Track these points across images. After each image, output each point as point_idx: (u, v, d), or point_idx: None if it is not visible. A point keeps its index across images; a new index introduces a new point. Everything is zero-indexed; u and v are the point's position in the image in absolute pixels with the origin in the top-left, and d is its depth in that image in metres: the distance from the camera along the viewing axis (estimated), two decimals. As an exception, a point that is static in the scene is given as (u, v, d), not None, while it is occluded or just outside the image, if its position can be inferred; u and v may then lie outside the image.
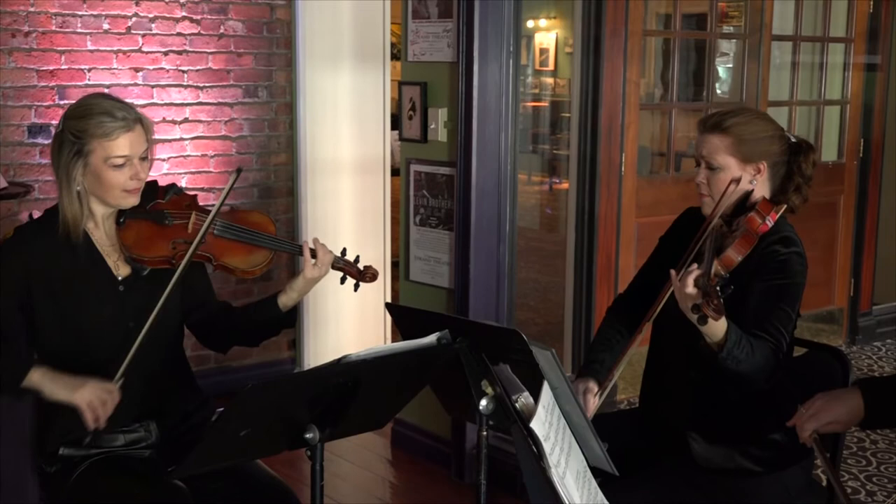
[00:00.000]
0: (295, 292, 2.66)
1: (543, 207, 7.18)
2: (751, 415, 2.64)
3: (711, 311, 2.23)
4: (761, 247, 2.56)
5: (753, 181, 2.66)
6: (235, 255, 2.63)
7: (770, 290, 2.55)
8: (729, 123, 2.65)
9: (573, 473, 1.76)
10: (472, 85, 4.06)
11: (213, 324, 2.77)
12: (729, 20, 6.31)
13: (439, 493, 4.19)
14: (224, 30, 5.01)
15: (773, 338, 2.48)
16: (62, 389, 2.44)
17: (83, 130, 2.47)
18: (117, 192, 2.52)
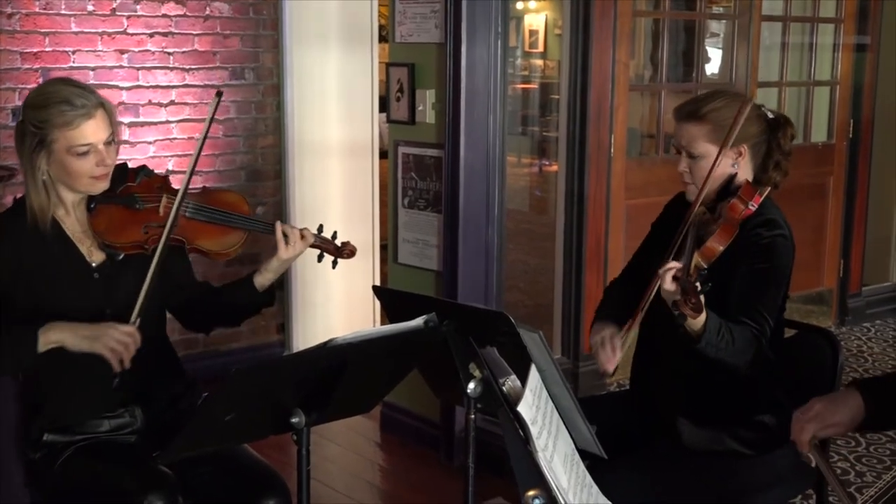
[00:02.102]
0: (270, 272, 2.66)
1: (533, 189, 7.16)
2: (739, 397, 2.64)
3: (689, 309, 2.22)
4: (746, 231, 2.55)
5: (735, 164, 2.65)
6: (209, 238, 2.60)
7: (754, 275, 2.54)
8: (705, 110, 2.63)
9: (561, 456, 1.75)
10: (459, 66, 4.04)
11: (193, 306, 2.76)
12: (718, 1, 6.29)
13: (428, 476, 4.19)
14: (210, 11, 4.98)
15: (757, 324, 2.48)
16: (83, 341, 2.42)
17: (44, 121, 2.43)
18: (85, 179, 2.49)
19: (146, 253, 2.52)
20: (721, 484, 2.63)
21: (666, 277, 2.31)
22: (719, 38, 6.35)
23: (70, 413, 2.56)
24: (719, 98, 2.67)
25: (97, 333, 2.42)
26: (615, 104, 4.88)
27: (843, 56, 6.16)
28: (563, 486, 1.67)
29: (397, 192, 4.42)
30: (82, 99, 2.45)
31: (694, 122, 2.64)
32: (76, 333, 2.43)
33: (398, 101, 4.34)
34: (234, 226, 2.63)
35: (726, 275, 2.51)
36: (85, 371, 2.52)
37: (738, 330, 2.43)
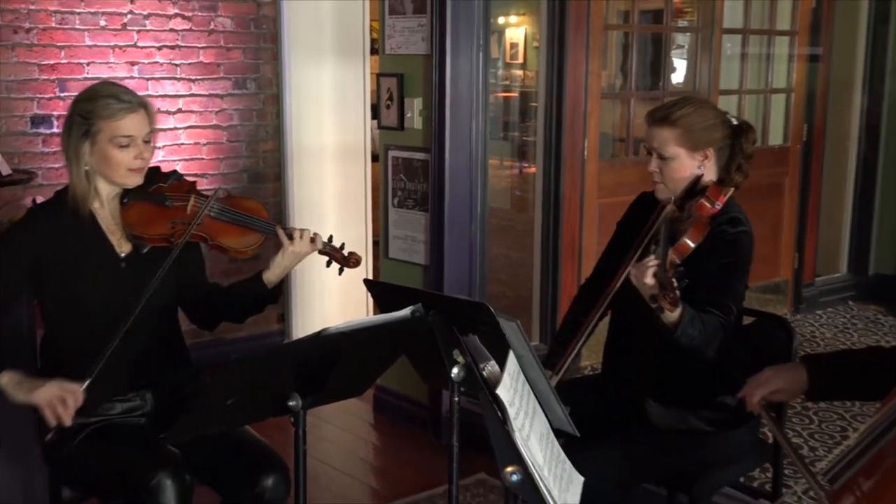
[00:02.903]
0: (279, 268, 2.66)
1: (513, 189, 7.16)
2: (703, 380, 2.64)
3: (668, 303, 2.24)
4: (712, 228, 2.55)
5: (702, 167, 2.65)
6: (229, 236, 2.62)
7: (720, 269, 2.55)
8: (676, 116, 2.63)
9: (537, 436, 1.74)
10: (444, 76, 4.04)
11: (203, 303, 2.76)
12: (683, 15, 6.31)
13: (417, 454, 4.19)
14: (214, 26, 4.96)
15: (724, 313, 2.49)
16: (21, 392, 2.39)
17: (91, 112, 2.48)
18: (122, 170, 2.51)
19: (171, 247, 2.54)
20: (686, 460, 2.64)
21: (647, 273, 2.31)
22: (684, 50, 6.35)
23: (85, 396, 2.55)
24: (689, 105, 2.67)
25: (37, 386, 2.38)
26: (588, 111, 4.88)
27: (797, 66, 6.17)
28: (539, 462, 1.67)
29: (388, 192, 4.42)
30: (128, 95, 2.51)
31: (666, 126, 2.64)
32: (18, 384, 2.40)
33: (388, 108, 4.33)
34: (253, 228, 2.65)
35: (694, 268, 2.51)
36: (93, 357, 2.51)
37: (707, 319, 2.44)
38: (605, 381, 2.89)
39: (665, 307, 2.24)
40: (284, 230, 2.64)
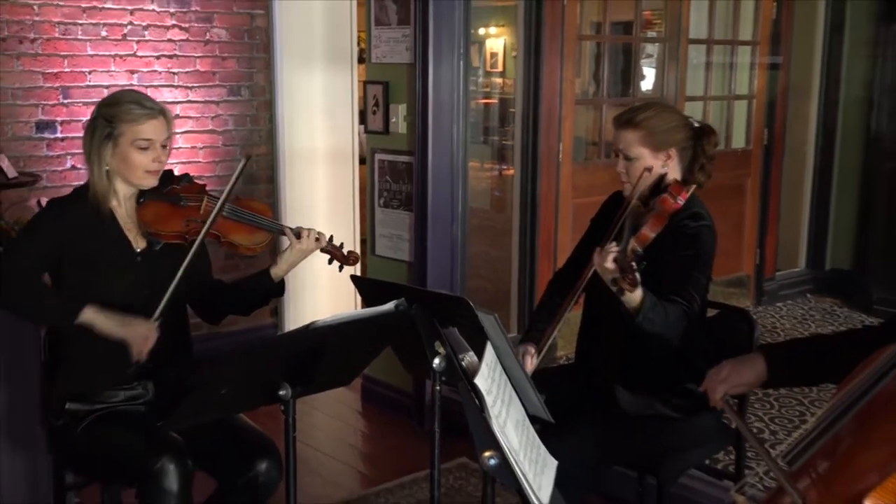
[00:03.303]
0: (286, 263, 2.68)
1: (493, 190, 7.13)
2: (669, 368, 2.64)
3: (627, 284, 2.24)
4: (675, 222, 2.56)
5: (665, 166, 2.66)
6: (240, 234, 2.64)
7: (682, 260, 2.55)
8: (640, 119, 2.64)
9: (513, 422, 1.74)
10: (427, 84, 4.03)
11: (209, 298, 2.76)
12: (652, 26, 6.31)
13: (403, 440, 4.19)
14: (210, 36, 4.93)
15: (686, 301, 2.49)
16: (115, 325, 2.46)
17: (115, 116, 2.49)
18: (140, 172, 2.53)
19: (185, 244, 2.55)
20: (654, 444, 2.64)
21: (607, 257, 2.32)
22: (653, 59, 6.35)
23: (90, 384, 2.54)
24: (651, 108, 2.68)
25: (125, 323, 2.46)
26: (563, 116, 4.88)
27: (758, 74, 6.19)
28: (515, 447, 1.66)
29: (374, 193, 4.41)
30: (149, 102, 2.53)
31: (630, 128, 2.65)
32: (109, 319, 2.46)
33: (374, 114, 4.32)
34: (261, 227, 2.67)
35: (659, 260, 2.52)
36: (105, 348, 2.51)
37: (670, 307, 2.44)
38: (577, 370, 2.89)
39: (625, 288, 2.25)
40: (292, 230, 2.66)
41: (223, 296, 2.77)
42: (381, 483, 3.71)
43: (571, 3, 4.87)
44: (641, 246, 2.42)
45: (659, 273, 2.51)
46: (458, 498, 3.56)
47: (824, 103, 6.53)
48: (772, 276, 6.48)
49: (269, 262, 2.71)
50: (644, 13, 5.72)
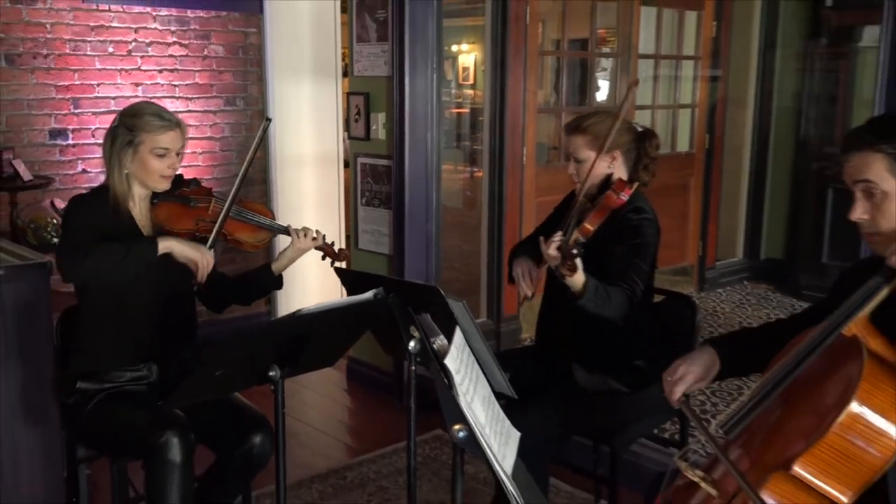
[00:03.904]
0: (286, 259, 2.72)
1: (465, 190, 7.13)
2: (620, 348, 2.64)
3: (566, 269, 2.25)
4: (619, 216, 2.55)
5: (611, 167, 2.65)
6: (245, 233, 2.65)
7: (626, 249, 2.54)
8: (586, 125, 2.64)
9: (480, 398, 1.73)
10: (404, 94, 4.01)
11: (213, 290, 2.72)
12: (605, 43, 6.32)
13: (384, 414, 4.18)
14: (207, 52, 4.88)
15: (629, 286, 2.47)
16: (189, 249, 2.48)
17: (136, 125, 2.47)
18: (157, 176, 2.51)
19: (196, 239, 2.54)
20: (607, 416, 2.64)
21: (550, 247, 2.33)
22: (607, 72, 6.37)
23: (100, 365, 2.52)
24: (596, 115, 2.68)
25: (196, 247, 2.49)
26: (526, 123, 4.87)
27: (700, 85, 6.22)
28: (481, 421, 1.65)
29: (357, 193, 4.38)
30: (168, 115, 2.51)
31: (578, 134, 2.65)
32: (182, 245, 2.48)
33: (357, 122, 4.30)
34: (263, 226, 2.68)
35: (606, 250, 2.52)
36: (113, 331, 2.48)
37: (613, 290, 2.43)
38: (539, 351, 2.89)
39: (565, 273, 2.26)
40: (294, 230, 2.68)
41: (227, 288, 2.76)
42: (365, 453, 3.70)
43: (533, 22, 4.87)
44: (584, 237, 2.42)
45: (605, 261, 2.51)
46: (434, 466, 3.55)
47: (759, 111, 6.58)
48: (713, 265, 6.51)
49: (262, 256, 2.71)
50: (598, 31, 5.73)
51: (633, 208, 2.58)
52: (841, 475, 1.57)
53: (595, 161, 2.59)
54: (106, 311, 2.50)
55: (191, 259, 2.48)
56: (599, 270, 2.43)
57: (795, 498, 1.61)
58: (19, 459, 2.75)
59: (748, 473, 1.73)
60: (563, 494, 3.29)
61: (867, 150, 1.72)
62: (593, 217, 2.46)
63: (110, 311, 2.50)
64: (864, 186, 1.73)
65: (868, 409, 1.56)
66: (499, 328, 4.88)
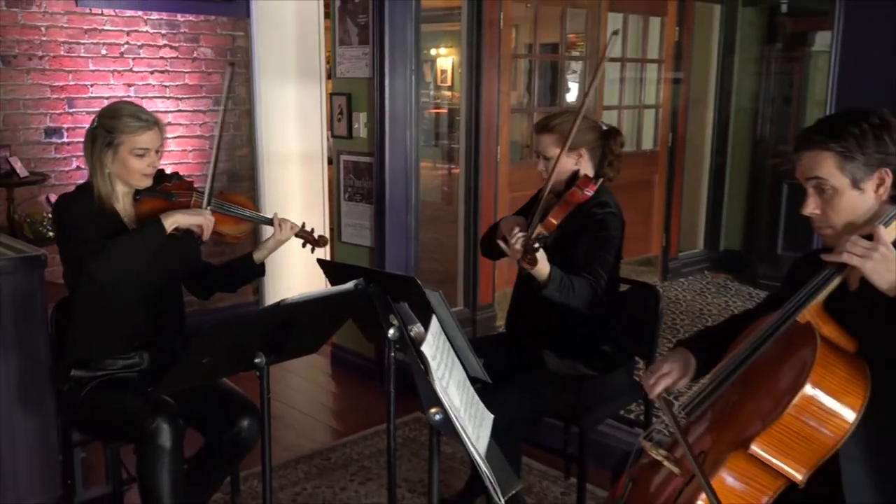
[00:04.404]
0: (266, 249, 2.67)
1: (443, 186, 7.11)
2: (588, 334, 2.63)
3: (526, 263, 2.26)
4: (585, 210, 2.54)
5: (577, 164, 2.64)
6: (227, 225, 2.59)
7: (590, 242, 2.53)
8: (553, 124, 2.62)
9: (455, 383, 1.71)
10: (384, 95, 3.98)
11: (199, 278, 2.70)
12: (575, 47, 6.30)
13: (367, 398, 4.15)
14: (197, 54, 4.81)
15: (592, 276, 2.46)
16: (191, 217, 2.44)
17: (115, 127, 2.41)
18: (138, 175, 2.45)
19: (177, 234, 2.47)
20: (576, 399, 2.64)
21: (517, 242, 2.32)
22: (576, 74, 6.36)
23: (92, 354, 2.48)
24: (564, 115, 2.66)
25: (196, 212, 2.46)
26: (500, 123, 4.85)
27: (664, 87, 6.23)
28: (456, 405, 1.64)
29: (340, 188, 4.35)
30: (146, 115, 2.44)
31: (546, 133, 2.63)
32: (185, 214, 2.43)
33: (339, 121, 4.26)
34: (244, 218, 2.62)
35: (572, 243, 2.50)
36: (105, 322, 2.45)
37: (577, 281, 2.42)
38: (510, 337, 2.88)
39: (524, 265, 2.26)
40: (273, 219, 2.63)
41: (213, 276, 2.72)
42: (348, 435, 3.68)
43: (507, 27, 4.85)
44: (547, 231, 2.41)
45: (572, 254, 2.50)
46: (413, 447, 3.54)
47: (719, 112, 6.60)
48: (675, 256, 6.54)
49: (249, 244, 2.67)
50: (568, 36, 5.72)
51: (598, 203, 2.56)
52: (796, 454, 1.57)
53: (559, 157, 2.56)
54: (97, 303, 2.45)
55: (196, 224, 2.44)
56: (566, 262, 2.42)
57: (753, 475, 1.61)
58: (17, 444, 2.71)
59: (709, 452, 1.73)
60: (536, 472, 3.28)
61: (817, 148, 1.72)
62: (557, 211, 2.45)
63: (101, 302, 2.45)
64: (816, 183, 1.73)
65: (821, 391, 1.56)
66: (475, 316, 4.87)
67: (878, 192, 1.71)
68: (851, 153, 1.68)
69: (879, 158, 1.69)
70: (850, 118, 1.71)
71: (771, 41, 6.37)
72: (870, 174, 1.70)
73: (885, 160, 1.69)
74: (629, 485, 1.89)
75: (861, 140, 1.68)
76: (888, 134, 1.69)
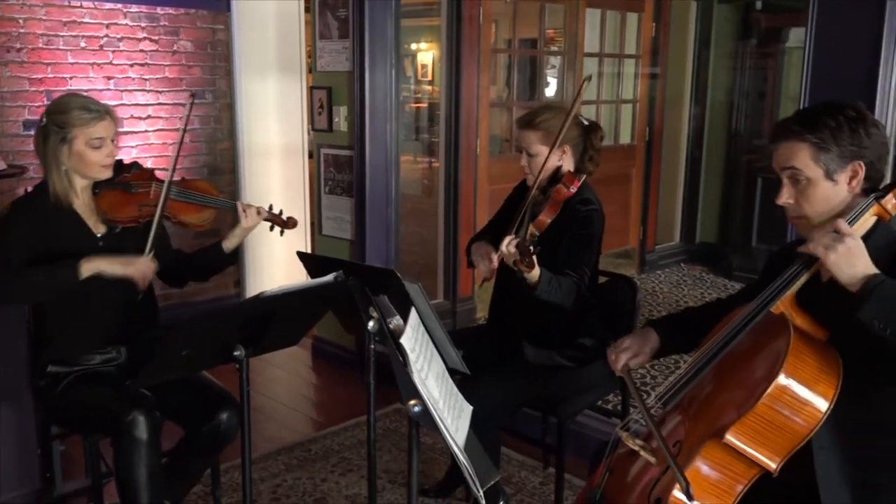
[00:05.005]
0: (235, 238, 2.61)
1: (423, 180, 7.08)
2: (567, 326, 2.63)
3: (524, 266, 2.23)
4: (569, 207, 2.54)
5: (561, 160, 2.63)
6: (189, 214, 2.52)
7: (575, 239, 2.53)
8: (538, 121, 2.61)
9: (434, 375, 1.70)
10: (364, 89, 3.96)
11: (171, 267, 2.64)
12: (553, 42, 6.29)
13: (347, 390, 4.13)
14: (177, 47, 4.75)
15: (577, 275, 2.47)
16: (118, 266, 2.34)
17: (65, 122, 2.33)
18: (97, 167, 2.39)
19: (139, 226, 2.44)
20: (554, 389, 2.64)
21: (511, 245, 2.28)
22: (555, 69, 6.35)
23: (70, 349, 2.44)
24: (548, 111, 2.64)
25: (127, 262, 2.36)
26: (479, 117, 4.84)
27: (641, 82, 6.24)
28: (435, 396, 1.62)
29: (321, 182, 4.32)
30: (95, 105, 2.37)
31: (530, 129, 2.61)
32: (111, 262, 2.34)
33: (320, 114, 4.23)
34: (207, 205, 2.55)
35: (556, 240, 2.50)
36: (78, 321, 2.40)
37: (564, 280, 2.42)
38: (491, 329, 2.87)
39: (523, 269, 2.22)
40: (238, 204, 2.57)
41: (184, 265, 2.67)
42: (329, 427, 3.66)
43: (486, 23, 4.83)
44: (539, 230, 2.40)
45: (556, 251, 2.50)
46: (394, 438, 3.53)
47: (694, 106, 6.62)
48: (652, 249, 6.56)
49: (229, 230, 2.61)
50: (547, 31, 5.71)
51: (582, 199, 2.56)
52: (770, 442, 1.58)
53: (548, 157, 2.56)
54: (68, 304, 2.40)
55: (124, 276, 2.35)
56: (550, 258, 2.41)
57: (728, 464, 1.61)
58: (-3, 438, 2.68)
59: (684, 442, 1.73)
60: (515, 462, 3.28)
61: (793, 139, 1.72)
62: (548, 210, 2.45)
63: (73, 303, 2.40)
64: (791, 173, 1.74)
65: (794, 381, 1.56)
66: (455, 308, 4.86)
67: (851, 185, 1.71)
68: (826, 145, 1.69)
69: (853, 151, 1.69)
70: (826, 110, 1.72)
71: (746, 37, 6.40)
72: (843, 166, 1.70)
73: (859, 153, 1.69)
74: (606, 474, 1.89)
75: (836, 132, 1.68)
76: (863, 127, 1.69)
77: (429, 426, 1.64)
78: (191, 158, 4.90)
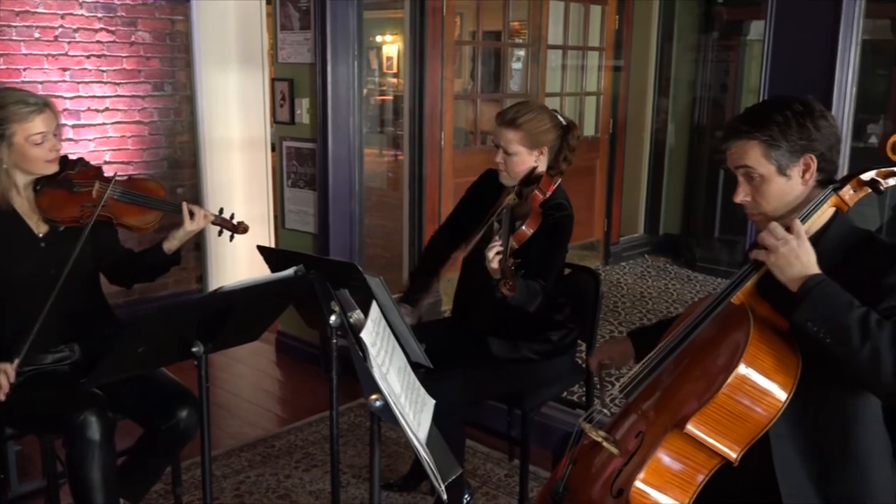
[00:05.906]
0: (176, 240, 2.51)
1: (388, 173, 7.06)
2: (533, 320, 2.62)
3: (507, 290, 2.16)
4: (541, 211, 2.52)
5: (538, 161, 2.61)
6: (132, 216, 2.44)
7: (545, 245, 2.49)
8: (521, 121, 2.55)
9: (395, 369, 1.68)
10: (326, 81, 3.91)
11: (119, 267, 2.57)
12: (518, 34, 6.29)
13: (312, 384, 4.10)
14: (135, 38, 4.66)
15: (545, 280, 2.45)
16: None
17: (3, 118, 2.25)
18: (41, 163, 2.31)
19: (81, 226, 2.35)
20: (519, 382, 2.64)
21: (494, 259, 2.22)
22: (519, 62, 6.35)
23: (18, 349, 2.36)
24: (531, 111, 2.57)
25: None
26: (444, 109, 4.82)
27: (604, 74, 6.26)
28: (396, 391, 1.61)
29: (283, 175, 4.27)
30: (33, 98, 2.29)
31: (511, 128, 2.56)
32: None
33: (282, 107, 4.18)
34: (152, 207, 2.47)
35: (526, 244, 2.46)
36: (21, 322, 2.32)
37: (532, 285, 2.39)
38: (456, 322, 2.86)
39: (505, 293, 2.17)
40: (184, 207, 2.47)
41: (130, 265, 2.58)
42: (293, 422, 3.63)
43: (450, 15, 4.80)
44: (519, 243, 2.35)
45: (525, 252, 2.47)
46: (358, 432, 3.51)
47: (658, 99, 6.67)
48: (617, 241, 6.60)
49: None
50: (512, 24, 5.70)
51: (555, 205, 2.51)
52: (730, 432, 1.59)
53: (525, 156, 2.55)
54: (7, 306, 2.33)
55: None
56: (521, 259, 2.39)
57: (689, 454, 1.62)
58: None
59: (646, 433, 1.74)
60: (480, 455, 3.28)
61: (744, 138, 1.74)
62: (530, 222, 2.39)
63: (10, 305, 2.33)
64: (744, 171, 1.75)
65: (754, 370, 1.57)
66: (420, 301, 4.84)
67: (804, 178, 1.72)
68: (776, 141, 1.70)
69: (803, 145, 1.70)
70: (773, 107, 1.73)
71: (708, 30, 6.45)
72: (795, 160, 1.71)
73: (809, 146, 1.70)
74: (570, 466, 1.89)
75: (784, 128, 1.69)
76: (811, 120, 1.70)
77: (390, 421, 1.62)
78: (150, 152, 4.82)
